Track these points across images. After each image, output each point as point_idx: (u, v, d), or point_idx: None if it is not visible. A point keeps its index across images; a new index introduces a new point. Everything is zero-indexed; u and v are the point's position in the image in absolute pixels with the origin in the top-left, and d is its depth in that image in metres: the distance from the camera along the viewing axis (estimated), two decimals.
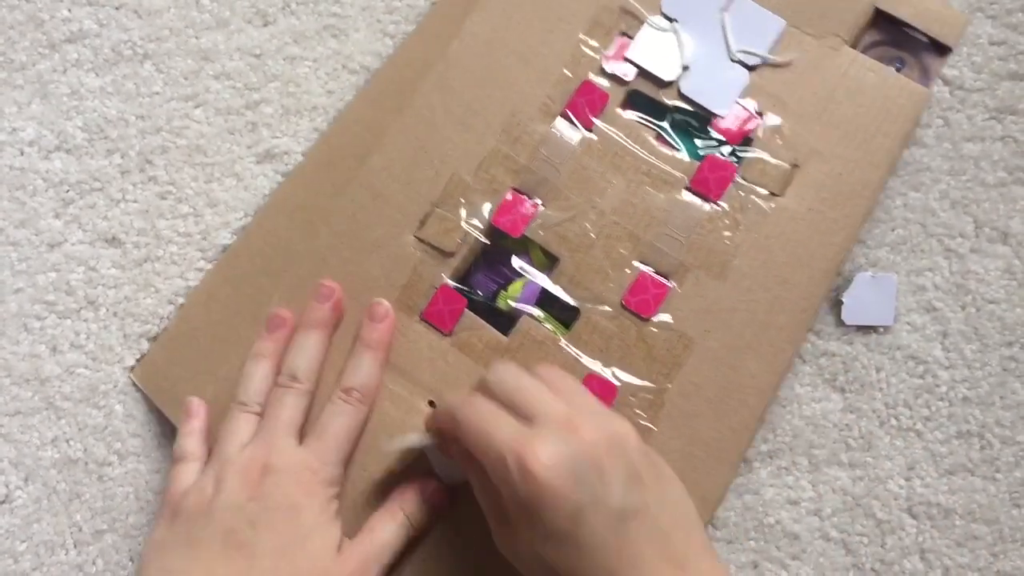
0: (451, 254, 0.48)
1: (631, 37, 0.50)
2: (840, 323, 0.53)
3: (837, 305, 0.53)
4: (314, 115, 0.55)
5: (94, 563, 0.50)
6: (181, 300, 0.52)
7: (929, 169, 0.55)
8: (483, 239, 0.48)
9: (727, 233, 0.47)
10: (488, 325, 0.47)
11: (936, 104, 0.55)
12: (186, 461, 0.46)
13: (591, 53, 0.50)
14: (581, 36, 0.50)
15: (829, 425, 0.52)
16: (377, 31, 0.56)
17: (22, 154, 0.54)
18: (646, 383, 0.46)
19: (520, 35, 0.50)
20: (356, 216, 0.48)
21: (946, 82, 0.55)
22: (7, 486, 0.51)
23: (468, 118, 0.49)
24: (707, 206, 0.48)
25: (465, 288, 0.48)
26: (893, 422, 0.52)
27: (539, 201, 0.48)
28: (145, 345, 0.52)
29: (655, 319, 0.47)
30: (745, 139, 0.49)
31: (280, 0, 0.56)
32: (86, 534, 0.50)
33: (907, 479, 0.52)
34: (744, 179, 0.48)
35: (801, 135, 0.49)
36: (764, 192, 0.48)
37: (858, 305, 0.53)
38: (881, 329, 0.53)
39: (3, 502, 0.50)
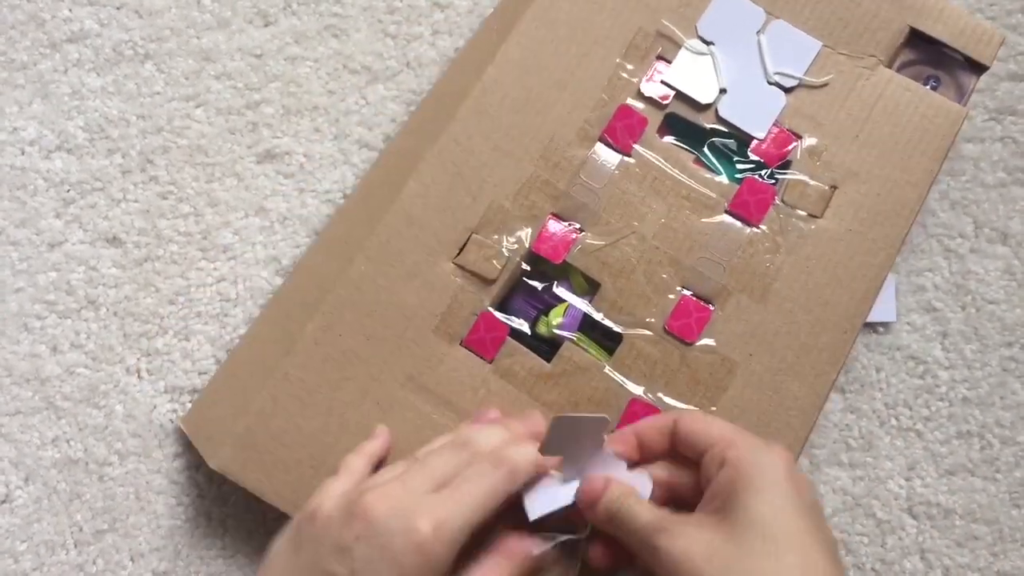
0: (492, 281, 0.47)
1: (668, 61, 0.50)
2: None
3: None
4: (315, 115, 0.55)
5: (94, 563, 0.50)
6: (182, 299, 0.52)
7: None
8: (523, 265, 0.48)
9: (768, 256, 0.47)
10: (530, 352, 0.47)
11: None
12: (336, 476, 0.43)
13: (628, 77, 0.50)
14: (618, 60, 0.50)
15: (829, 425, 0.52)
16: (378, 31, 0.56)
17: (23, 154, 0.54)
18: (691, 407, 0.46)
19: (556, 60, 0.50)
20: (391, 243, 0.48)
21: None
22: (7, 486, 0.51)
23: (505, 144, 0.49)
24: (747, 229, 0.48)
25: (506, 315, 0.48)
26: (893, 422, 0.52)
27: (579, 226, 0.48)
28: (145, 344, 0.52)
29: (698, 343, 0.47)
30: (784, 161, 0.49)
31: (281, 0, 0.56)
32: (86, 534, 0.50)
33: (907, 479, 0.52)
34: (784, 201, 0.48)
35: (839, 156, 0.49)
36: (804, 214, 0.48)
37: None
38: (881, 329, 0.53)
39: (3, 502, 0.50)
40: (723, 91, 0.49)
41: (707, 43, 0.50)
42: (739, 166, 0.49)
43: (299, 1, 0.56)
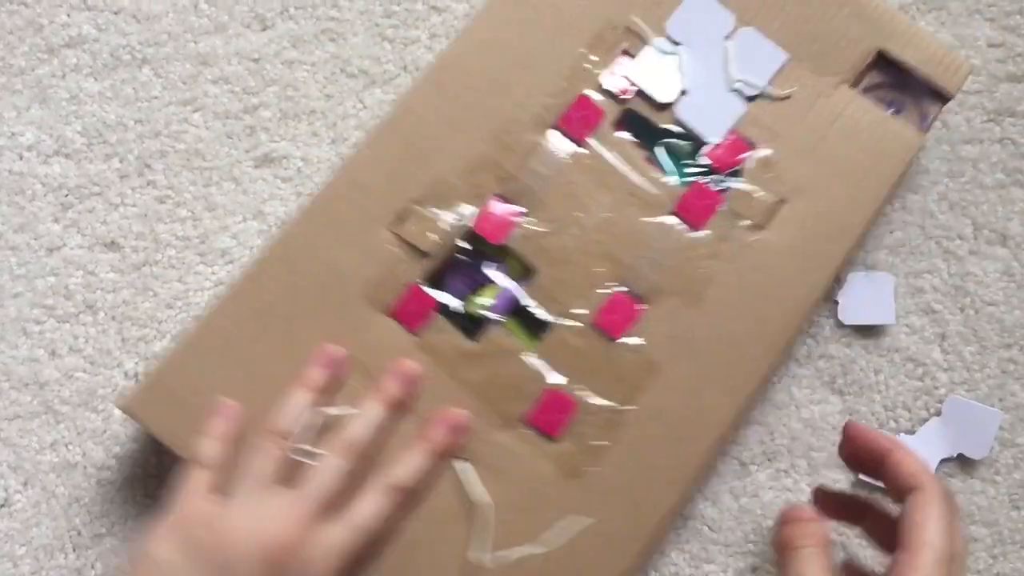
0: (427, 254, 0.47)
1: (633, 56, 0.50)
2: (839, 325, 0.53)
3: (835, 307, 0.53)
4: (312, 119, 0.55)
5: (93, 567, 0.50)
6: (180, 303, 0.53)
7: (927, 171, 0.55)
8: (461, 243, 0.48)
9: (706, 261, 0.47)
10: (456, 329, 0.47)
11: None
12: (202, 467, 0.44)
13: (590, 68, 0.49)
14: (582, 50, 0.49)
15: (828, 427, 0.52)
16: (375, 35, 0.56)
17: (21, 159, 0.54)
18: (608, 403, 0.46)
19: (521, 41, 0.50)
20: (333, 205, 0.48)
21: None
22: (6, 490, 0.51)
23: (460, 120, 0.49)
24: (690, 233, 0.48)
25: (437, 290, 0.47)
26: (892, 424, 0.52)
27: (523, 210, 0.48)
28: (143, 348, 0.52)
29: (624, 341, 0.46)
30: (735, 169, 0.48)
31: (278, 4, 0.56)
32: (85, 538, 0.50)
33: None
34: (729, 209, 0.48)
35: (791, 170, 0.48)
36: (748, 224, 0.48)
37: (855, 305, 0.53)
38: (880, 331, 0.53)
39: (2, 506, 0.51)
40: (683, 92, 0.49)
41: (674, 43, 0.50)
42: (690, 169, 0.49)
43: (296, 5, 0.56)
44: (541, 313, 0.47)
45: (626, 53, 0.50)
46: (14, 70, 0.55)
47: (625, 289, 0.47)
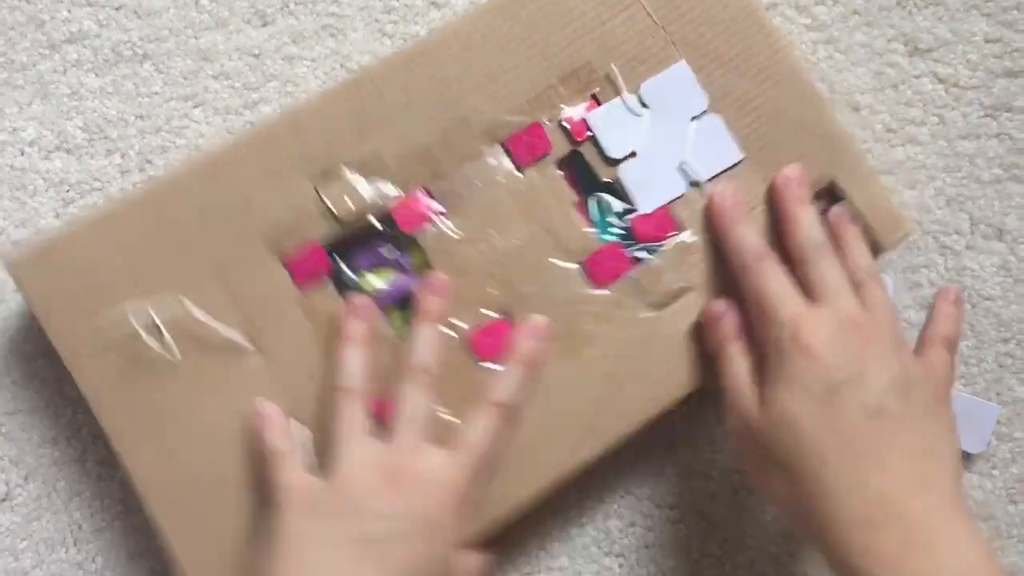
0: (340, 219, 0.47)
1: (599, 103, 0.49)
2: None
3: None
4: None
5: (94, 560, 0.50)
6: None
7: (924, 167, 0.55)
8: (375, 221, 0.48)
9: (595, 321, 0.47)
10: (341, 299, 0.47)
11: (931, 102, 0.55)
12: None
13: (556, 100, 0.49)
14: (554, 80, 0.49)
15: None
16: (375, 31, 0.56)
17: (22, 154, 0.54)
18: (448, 416, 0.45)
19: (499, 52, 0.49)
20: (269, 142, 0.48)
21: (941, 79, 0.55)
22: (7, 484, 0.51)
23: (414, 105, 0.48)
24: (589, 289, 0.48)
25: (337, 258, 0.47)
26: None
27: (443, 210, 0.48)
28: None
29: (488, 364, 0.46)
30: (655, 244, 0.48)
31: (278, 0, 0.56)
32: (86, 532, 0.51)
33: None
34: (634, 279, 0.48)
35: (707, 264, 0.48)
36: (646, 299, 0.48)
37: None
38: None
39: (3, 500, 0.51)
40: (633, 154, 0.49)
41: (643, 105, 0.49)
42: (613, 228, 0.49)
43: (296, 1, 0.56)
44: None
45: (594, 98, 0.49)
46: (15, 66, 0.55)
47: (508, 319, 0.47)
